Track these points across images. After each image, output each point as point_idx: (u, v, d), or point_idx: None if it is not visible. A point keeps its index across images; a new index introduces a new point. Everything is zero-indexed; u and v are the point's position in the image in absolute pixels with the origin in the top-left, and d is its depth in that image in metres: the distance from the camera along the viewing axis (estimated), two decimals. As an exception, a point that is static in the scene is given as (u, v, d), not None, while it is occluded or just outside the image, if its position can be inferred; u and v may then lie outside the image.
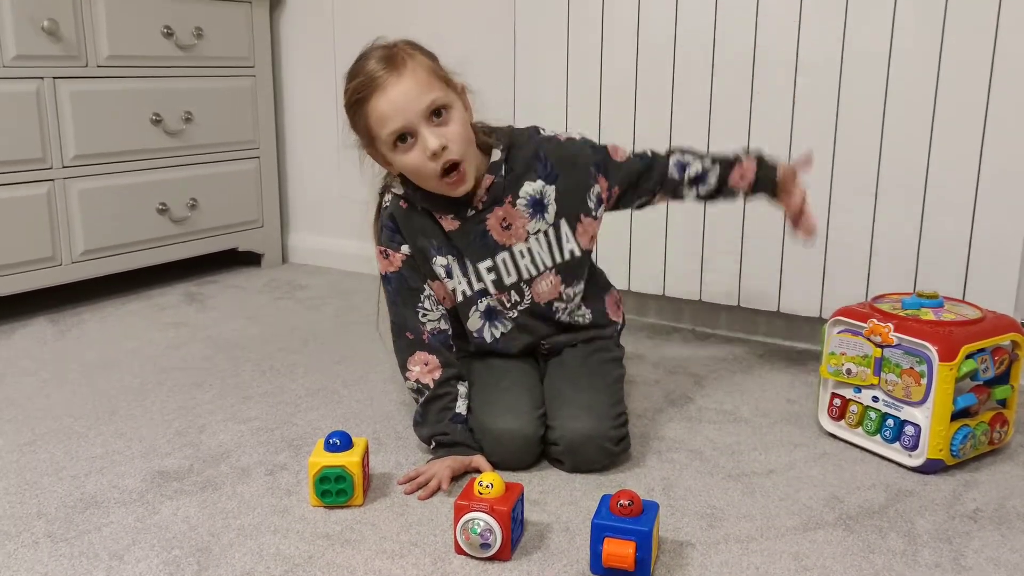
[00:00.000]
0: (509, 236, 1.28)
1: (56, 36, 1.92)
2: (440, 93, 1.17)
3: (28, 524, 1.10)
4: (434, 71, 1.18)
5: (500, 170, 1.25)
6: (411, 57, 1.17)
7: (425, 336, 1.29)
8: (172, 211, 2.21)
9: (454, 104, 1.18)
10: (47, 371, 1.65)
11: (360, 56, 1.20)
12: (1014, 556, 1.04)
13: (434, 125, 1.17)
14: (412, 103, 1.15)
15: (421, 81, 1.15)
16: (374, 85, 1.15)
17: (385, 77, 1.15)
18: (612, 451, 1.23)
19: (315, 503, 1.14)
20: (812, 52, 1.62)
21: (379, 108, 1.16)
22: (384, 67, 1.16)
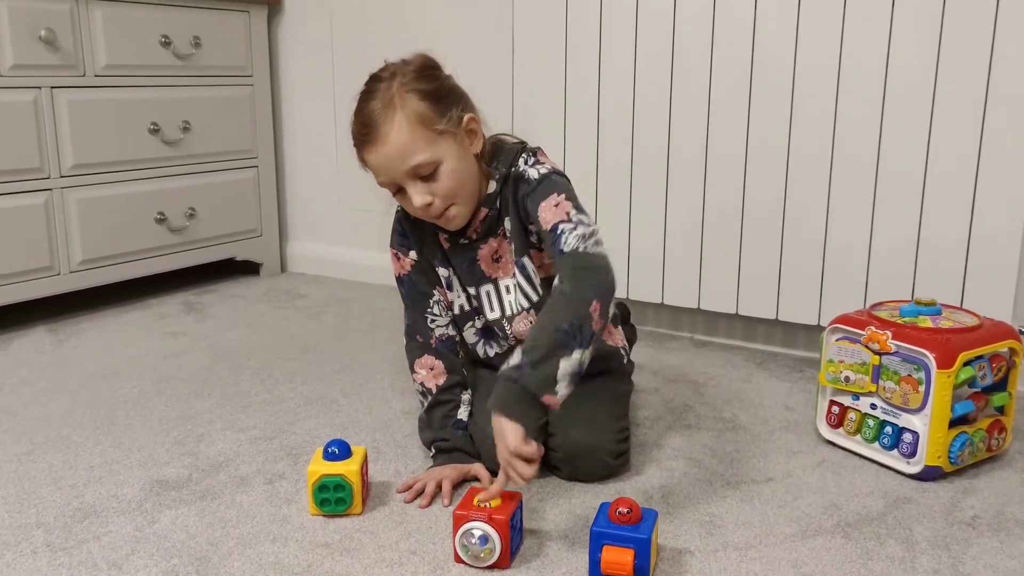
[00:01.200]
0: (497, 269, 1.27)
1: (54, 45, 1.92)
2: (424, 156, 1.13)
3: (27, 533, 1.10)
4: (423, 123, 1.13)
5: (495, 203, 1.23)
6: (400, 109, 1.13)
7: (433, 341, 1.31)
8: (170, 220, 2.21)
9: (445, 158, 1.14)
10: (45, 380, 1.65)
11: (366, 90, 1.17)
12: (1012, 563, 1.04)
13: (421, 182, 1.15)
14: (395, 164, 1.14)
15: (404, 144, 1.12)
16: (364, 138, 1.15)
17: (373, 134, 1.14)
18: (610, 464, 1.23)
19: (314, 512, 1.14)
20: (809, 58, 1.63)
21: (369, 160, 1.17)
22: (373, 124, 1.13)
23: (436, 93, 1.16)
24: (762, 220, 1.74)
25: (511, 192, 1.22)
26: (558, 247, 1.13)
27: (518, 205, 1.21)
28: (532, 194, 1.19)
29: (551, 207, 1.16)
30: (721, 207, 1.77)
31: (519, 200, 1.21)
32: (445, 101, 1.16)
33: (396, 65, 1.18)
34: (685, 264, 1.83)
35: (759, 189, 1.72)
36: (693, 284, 1.83)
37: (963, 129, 1.53)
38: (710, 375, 1.70)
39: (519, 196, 1.21)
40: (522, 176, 1.21)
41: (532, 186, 1.19)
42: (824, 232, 1.68)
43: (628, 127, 1.83)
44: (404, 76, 1.15)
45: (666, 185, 1.81)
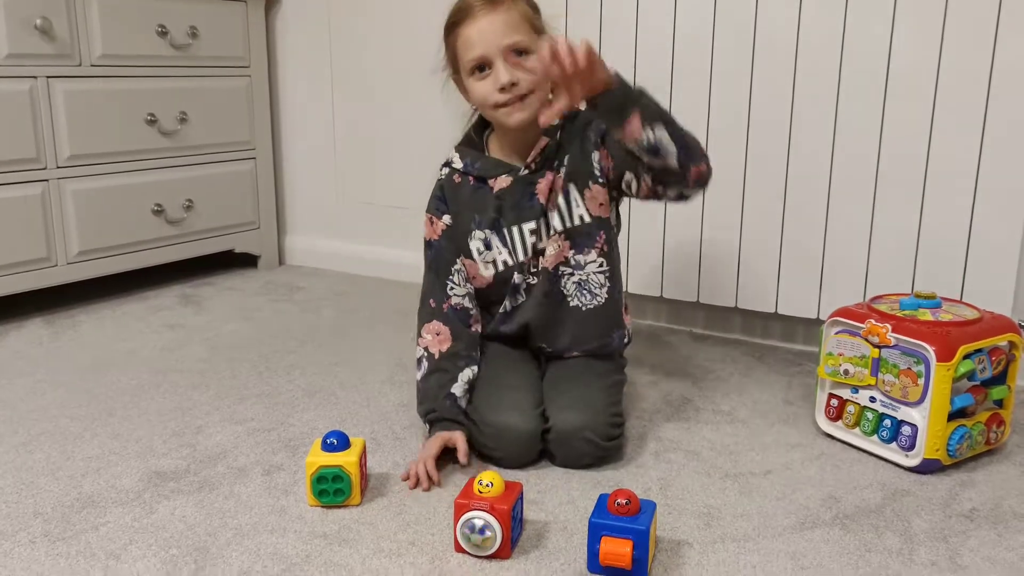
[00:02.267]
0: (550, 201, 1.31)
1: (49, 35, 1.91)
2: (525, 37, 1.23)
3: (25, 523, 1.10)
4: (529, 18, 1.24)
5: (556, 134, 1.30)
6: (513, 2, 1.24)
7: (446, 307, 1.34)
8: (168, 212, 2.20)
9: (536, 50, 1.18)
10: (42, 372, 1.65)
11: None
12: (1010, 555, 1.04)
13: (511, 62, 1.22)
14: (496, 37, 1.22)
15: (512, 21, 1.22)
16: (468, 12, 1.23)
17: (480, 7, 1.23)
18: (602, 446, 1.24)
19: (312, 503, 1.14)
20: (811, 52, 1.63)
21: (466, 33, 1.24)
22: (484, 2, 1.23)
23: (536, 7, 1.29)
24: (762, 213, 1.73)
25: (578, 132, 1.30)
26: None
27: (585, 141, 1.29)
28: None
29: None
30: (721, 200, 1.76)
31: (595, 133, 1.29)
32: (540, 19, 1.28)
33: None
34: (685, 257, 1.83)
35: (759, 182, 1.72)
36: (692, 278, 1.83)
37: (964, 122, 1.53)
38: (709, 369, 1.70)
39: (592, 130, 1.29)
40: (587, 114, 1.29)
41: None
42: (824, 225, 1.68)
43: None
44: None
45: (665, 178, 1.81)
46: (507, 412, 1.24)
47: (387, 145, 2.35)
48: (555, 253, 1.32)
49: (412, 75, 2.25)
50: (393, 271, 2.35)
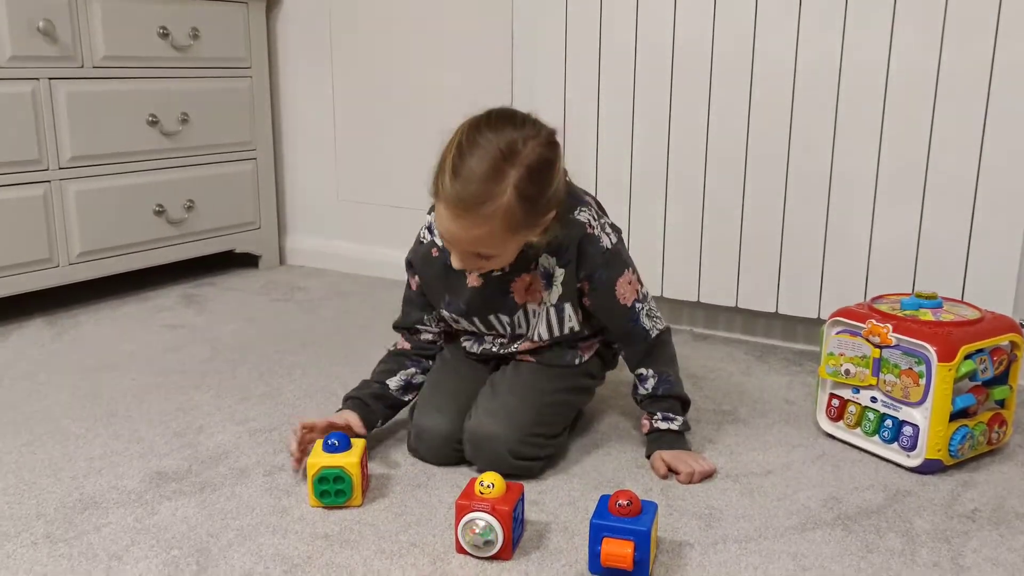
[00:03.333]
0: (528, 297, 1.27)
1: (52, 37, 1.92)
2: (494, 250, 1.14)
3: (27, 524, 1.10)
4: (511, 226, 1.11)
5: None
6: (500, 205, 1.08)
7: (414, 337, 1.38)
8: (169, 212, 2.20)
9: (506, 252, 1.16)
10: (44, 373, 1.65)
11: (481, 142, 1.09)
12: (1012, 556, 1.04)
13: (474, 256, 1.15)
14: (459, 245, 1.14)
15: (482, 238, 1.11)
16: (447, 202, 1.10)
17: (459, 209, 1.09)
18: (509, 462, 1.20)
19: (314, 504, 1.14)
20: (811, 53, 1.63)
21: (440, 215, 1.13)
22: (469, 199, 1.08)
23: (538, 201, 1.12)
24: (762, 213, 1.73)
25: (571, 241, 1.21)
26: (640, 329, 1.28)
27: (581, 260, 1.23)
28: (607, 267, 1.24)
29: (626, 283, 1.27)
30: (721, 200, 1.77)
31: (584, 258, 1.22)
32: (542, 209, 1.13)
33: (525, 133, 1.11)
34: (685, 257, 1.83)
35: (760, 182, 1.72)
36: (693, 277, 1.83)
37: (965, 123, 1.53)
38: (710, 368, 1.70)
39: (585, 255, 1.22)
40: (592, 237, 1.22)
41: (605, 258, 1.24)
42: (825, 225, 1.68)
43: (628, 120, 1.82)
44: (522, 168, 1.09)
45: (666, 178, 1.81)
46: (429, 414, 1.27)
47: (388, 145, 2.35)
48: (538, 342, 1.30)
49: (413, 75, 2.25)
50: (394, 271, 2.35)
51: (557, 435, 1.28)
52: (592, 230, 1.22)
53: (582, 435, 1.38)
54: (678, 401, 1.31)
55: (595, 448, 1.33)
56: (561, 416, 1.30)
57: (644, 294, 1.30)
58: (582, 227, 1.21)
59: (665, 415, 1.29)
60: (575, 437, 1.36)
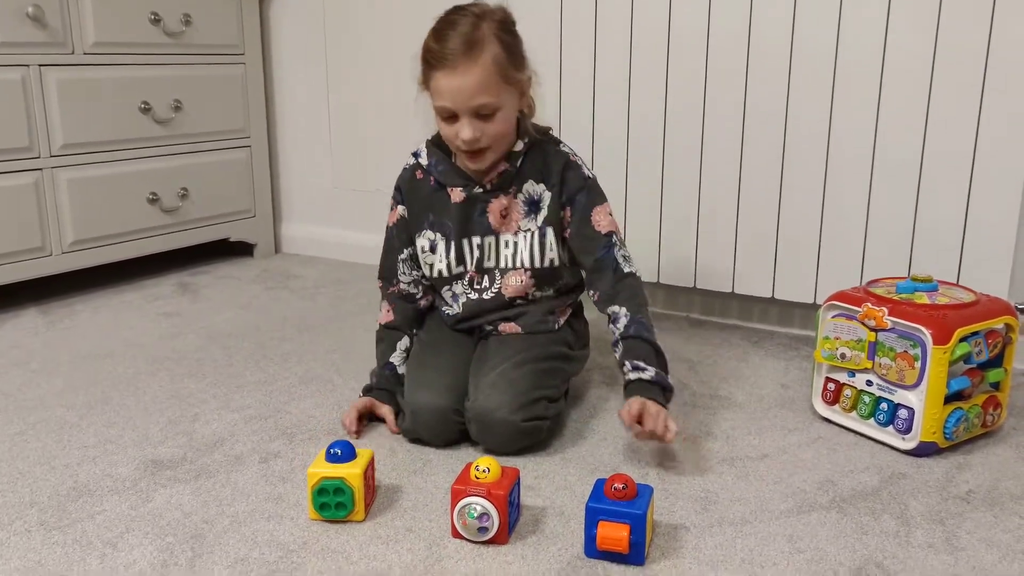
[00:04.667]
0: (503, 223, 1.34)
1: (41, 23, 1.90)
2: (492, 98, 1.21)
3: (21, 512, 1.09)
4: (499, 70, 1.21)
5: (516, 161, 1.31)
6: (486, 49, 1.20)
7: (393, 289, 1.42)
8: (163, 201, 2.19)
9: (504, 105, 1.24)
10: (38, 362, 1.64)
11: (450, 18, 1.24)
12: (1006, 537, 1.05)
13: (477, 119, 1.22)
14: (463, 98, 1.21)
15: (481, 81, 1.20)
16: (441, 63, 1.21)
17: (453, 63, 1.20)
18: (519, 427, 1.22)
19: (313, 516, 1.07)
20: (807, 37, 1.62)
21: (437, 83, 1.23)
22: (458, 52, 1.20)
23: (514, 46, 1.25)
24: (759, 199, 1.73)
25: (556, 166, 1.32)
26: (611, 258, 1.31)
27: (564, 185, 1.32)
28: (587, 191, 1.32)
29: (605, 214, 1.33)
30: (718, 186, 1.76)
31: (567, 183, 1.32)
32: (519, 56, 1.26)
33: (482, 6, 1.25)
34: (681, 244, 1.82)
35: (756, 167, 1.72)
36: (689, 263, 1.83)
37: (960, 106, 1.52)
38: (706, 354, 1.69)
39: (568, 180, 1.32)
40: (574, 164, 1.33)
41: (586, 184, 1.33)
42: (821, 209, 1.67)
43: (624, 106, 1.82)
44: (492, 20, 1.23)
45: (663, 164, 1.81)
46: (419, 392, 1.28)
47: (382, 132, 2.34)
48: (518, 286, 1.34)
49: (407, 61, 2.23)
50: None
51: (556, 399, 1.31)
52: (575, 159, 1.34)
53: (577, 420, 1.37)
54: (651, 348, 1.26)
55: (591, 433, 1.33)
56: (557, 379, 1.33)
57: (620, 236, 1.34)
58: (565, 156, 1.33)
59: (635, 364, 1.24)
60: (571, 422, 1.36)
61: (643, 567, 0.98)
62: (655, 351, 1.27)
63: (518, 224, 1.33)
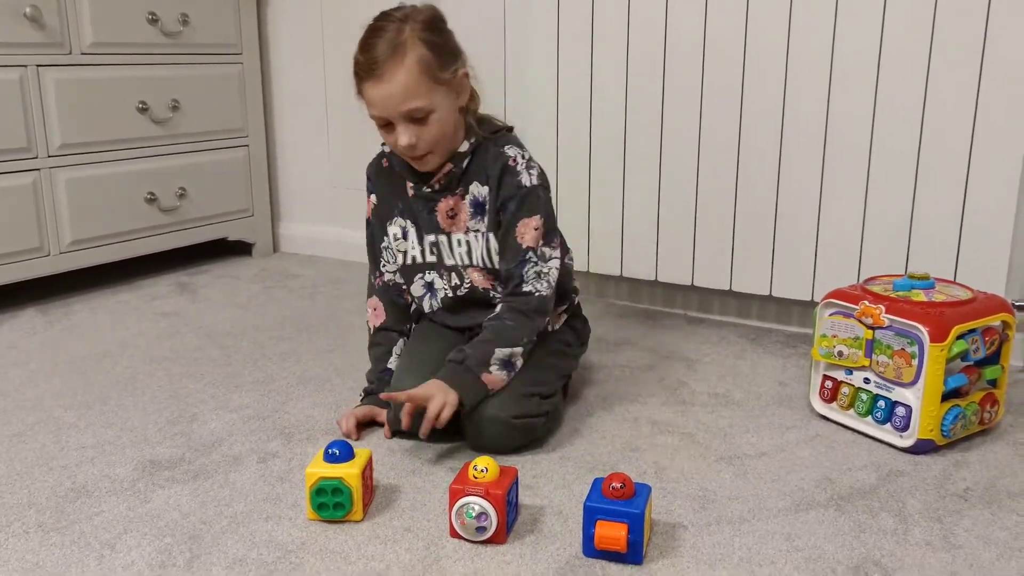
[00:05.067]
0: (451, 224, 1.33)
1: (39, 23, 1.90)
2: (423, 102, 1.20)
3: (19, 514, 1.09)
4: (426, 72, 1.20)
5: (461, 163, 1.30)
6: (409, 53, 1.19)
7: (379, 283, 1.42)
8: (161, 200, 2.19)
9: (437, 107, 1.21)
10: (36, 362, 1.64)
11: (375, 25, 1.23)
12: (1004, 534, 1.05)
13: (412, 123, 1.22)
14: (392, 105, 1.20)
15: (408, 85, 1.19)
16: (369, 73, 1.20)
17: (379, 71, 1.19)
18: (511, 425, 1.22)
19: (311, 517, 1.07)
20: (803, 35, 1.62)
21: (367, 93, 1.23)
22: (382, 60, 1.19)
23: (441, 45, 1.23)
24: (756, 196, 1.73)
25: (494, 170, 1.28)
26: (519, 274, 1.27)
27: (499, 190, 1.28)
28: (518, 200, 1.27)
29: (531, 228, 1.28)
30: (715, 184, 1.76)
31: (502, 188, 1.28)
32: (448, 54, 1.23)
33: (407, 9, 1.24)
34: (679, 241, 1.82)
35: (753, 166, 1.72)
36: (687, 261, 1.83)
37: (957, 103, 1.52)
38: (704, 351, 1.70)
39: (503, 186, 1.28)
40: (512, 169, 1.28)
41: (521, 191, 1.27)
42: (818, 208, 1.67)
43: (621, 104, 1.82)
44: (415, 22, 1.21)
45: (660, 162, 1.80)
46: (403, 377, 1.29)
47: (380, 131, 2.33)
48: (482, 280, 1.34)
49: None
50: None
51: (551, 395, 1.30)
52: (515, 164, 1.28)
53: (575, 418, 1.38)
54: (486, 343, 1.23)
55: (589, 431, 1.33)
56: (550, 376, 1.32)
57: (543, 252, 1.28)
58: (505, 159, 1.28)
59: (459, 349, 1.24)
60: (569, 420, 1.37)
61: (641, 566, 0.98)
62: (486, 343, 1.23)
63: (467, 224, 1.31)
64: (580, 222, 1.91)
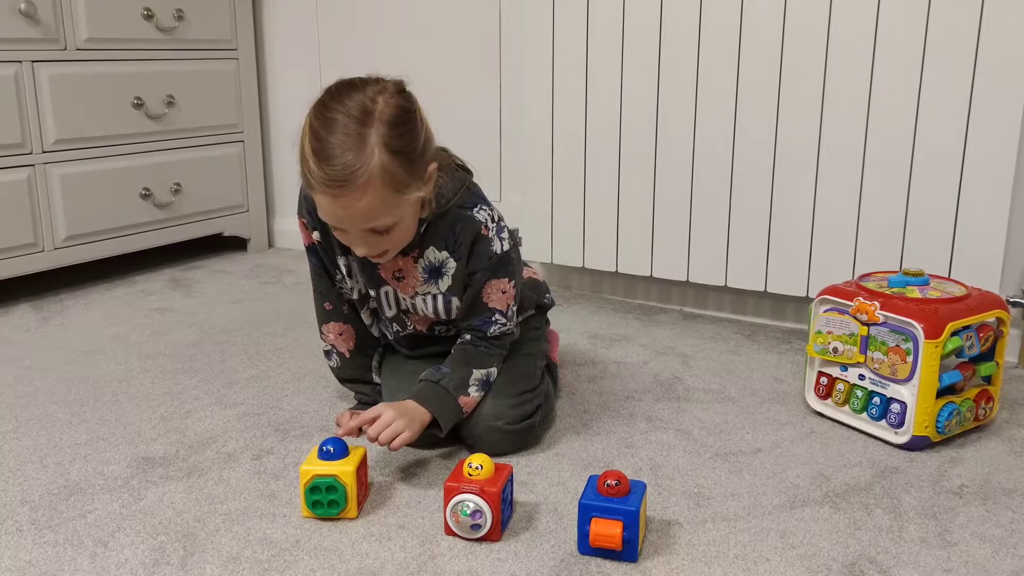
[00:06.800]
0: (398, 285, 1.25)
1: (34, 19, 1.89)
2: (387, 220, 1.08)
3: (12, 511, 1.09)
4: (394, 186, 1.06)
5: (419, 230, 1.19)
6: (372, 169, 1.04)
7: (345, 308, 1.33)
8: (156, 196, 2.19)
9: (403, 217, 1.11)
10: (30, 358, 1.64)
11: (333, 119, 1.06)
12: (999, 531, 1.05)
13: (372, 234, 1.10)
14: (353, 224, 1.08)
15: (372, 208, 1.06)
16: (324, 189, 1.05)
17: (336, 191, 1.04)
18: (511, 431, 1.22)
19: (306, 514, 1.07)
20: (798, 30, 1.62)
21: (321, 203, 1.09)
22: (343, 178, 1.03)
23: (411, 152, 1.08)
24: (751, 192, 1.73)
25: (465, 238, 1.20)
26: (482, 329, 1.24)
27: (471, 258, 1.21)
28: (489, 269, 1.21)
29: (499, 292, 1.23)
30: (710, 179, 1.76)
31: (473, 258, 1.21)
32: (417, 159, 1.09)
33: (368, 98, 1.07)
34: (674, 237, 1.82)
35: (748, 161, 1.71)
36: (682, 257, 1.83)
37: (952, 99, 1.52)
38: (699, 347, 1.69)
39: (475, 256, 1.20)
40: (484, 239, 1.20)
41: (490, 262, 1.21)
42: (813, 204, 1.67)
43: (616, 99, 1.81)
44: (381, 124, 1.05)
45: (655, 158, 1.80)
46: (397, 397, 1.22)
47: (376, 127, 2.33)
48: (425, 319, 1.29)
49: (400, 56, 2.23)
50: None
51: (538, 385, 1.29)
52: (487, 232, 1.20)
53: (570, 415, 1.37)
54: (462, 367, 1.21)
55: (583, 429, 1.33)
56: (531, 367, 1.30)
57: (512, 311, 1.25)
58: (478, 225, 1.19)
59: (435, 368, 1.22)
60: (564, 417, 1.36)
61: (636, 564, 0.98)
62: (463, 366, 1.21)
63: (415, 289, 1.24)
64: (575, 218, 1.91)
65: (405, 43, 2.22)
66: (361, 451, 1.10)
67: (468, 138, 1.56)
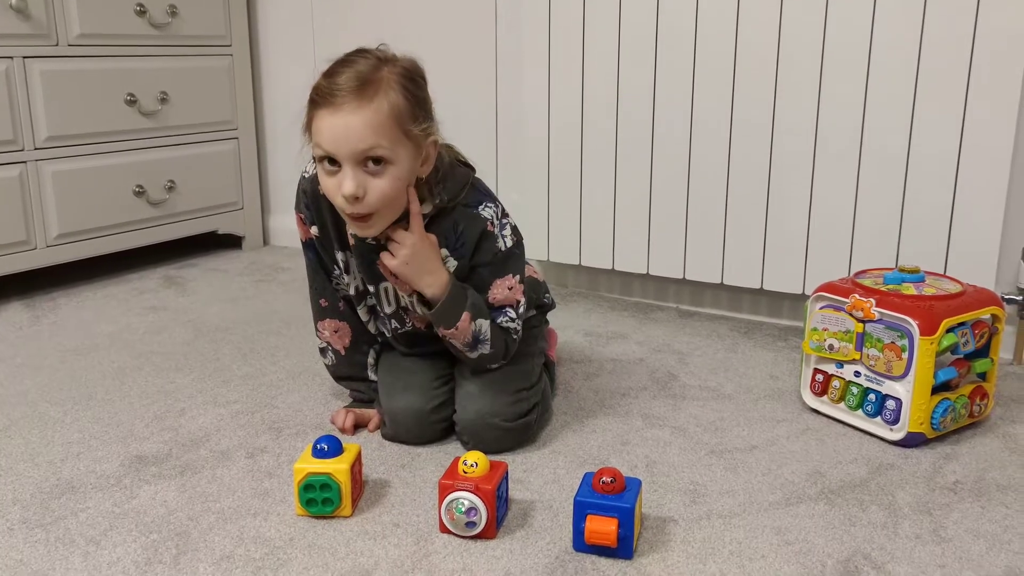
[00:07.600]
0: (396, 282, 1.23)
1: (25, 14, 1.88)
2: (385, 148, 1.07)
3: (3, 510, 1.08)
4: (396, 118, 1.07)
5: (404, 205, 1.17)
6: (385, 93, 1.07)
7: (341, 305, 1.32)
8: (149, 193, 2.18)
9: (397, 160, 1.09)
10: (22, 356, 1.63)
11: (348, 57, 1.12)
12: (993, 527, 1.05)
13: (362, 170, 1.08)
14: (350, 141, 1.07)
15: (374, 124, 1.06)
16: (329, 101, 1.07)
17: (340, 100, 1.06)
18: (508, 428, 1.22)
19: (300, 512, 1.06)
20: (794, 29, 1.61)
21: (320, 123, 1.09)
22: (350, 88, 1.06)
23: (419, 98, 1.11)
24: (747, 190, 1.73)
25: (470, 235, 1.19)
26: (497, 316, 1.23)
27: (475, 254, 1.20)
28: (495, 265, 1.21)
29: (505, 288, 1.23)
30: (707, 177, 1.76)
31: (478, 253, 1.20)
32: (423, 110, 1.12)
33: (387, 53, 1.14)
34: (671, 234, 1.82)
35: (744, 159, 1.71)
36: (679, 254, 1.83)
37: (947, 97, 1.52)
38: (695, 345, 1.69)
39: (480, 251, 1.20)
40: (491, 235, 1.20)
41: (497, 257, 1.21)
42: (809, 201, 1.67)
43: (613, 97, 1.81)
44: (396, 65, 1.11)
45: (652, 155, 1.80)
46: (399, 395, 1.25)
47: (370, 124, 2.32)
48: (423, 322, 1.27)
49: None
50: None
51: (535, 383, 1.28)
52: (493, 228, 1.20)
53: (566, 412, 1.37)
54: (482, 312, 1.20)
55: (579, 425, 1.33)
56: (528, 364, 1.30)
57: (522, 306, 1.25)
58: (484, 223, 1.19)
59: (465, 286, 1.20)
60: (559, 414, 1.36)
61: (631, 561, 0.97)
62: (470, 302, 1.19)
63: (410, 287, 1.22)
64: (572, 216, 1.91)
65: (400, 39, 2.20)
66: (356, 448, 1.10)
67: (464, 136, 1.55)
